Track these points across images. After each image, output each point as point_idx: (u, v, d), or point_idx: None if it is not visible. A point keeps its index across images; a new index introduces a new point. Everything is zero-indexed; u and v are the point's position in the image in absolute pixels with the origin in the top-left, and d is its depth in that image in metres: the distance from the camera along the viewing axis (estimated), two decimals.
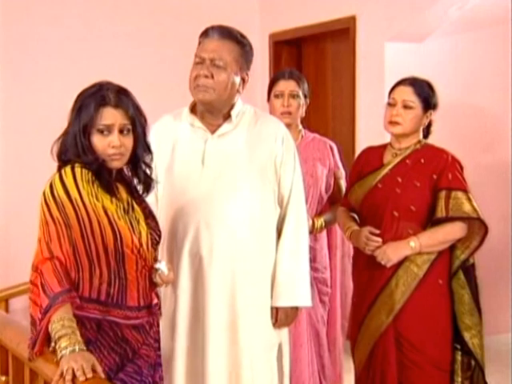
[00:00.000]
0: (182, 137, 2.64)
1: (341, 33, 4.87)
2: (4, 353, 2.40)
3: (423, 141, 2.98)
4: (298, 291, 2.64)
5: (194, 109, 2.64)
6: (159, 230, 2.29)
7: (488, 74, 4.81)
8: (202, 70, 2.52)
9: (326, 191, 3.35)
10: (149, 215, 2.27)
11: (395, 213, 2.87)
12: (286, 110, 3.27)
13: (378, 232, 2.86)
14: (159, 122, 2.73)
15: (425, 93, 2.92)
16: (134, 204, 2.21)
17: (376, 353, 2.90)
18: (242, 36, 2.60)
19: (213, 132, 2.60)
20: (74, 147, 2.13)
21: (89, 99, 2.13)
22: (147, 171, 2.28)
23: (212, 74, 2.51)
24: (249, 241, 2.57)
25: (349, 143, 4.70)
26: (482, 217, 2.83)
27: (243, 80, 2.61)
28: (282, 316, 2.62)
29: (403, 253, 2.83)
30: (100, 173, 2.12)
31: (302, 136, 3.36)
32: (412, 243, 2.81)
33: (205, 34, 2.58)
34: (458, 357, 2.89)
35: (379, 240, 2.85)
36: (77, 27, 4.82)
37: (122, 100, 2.15)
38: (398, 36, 4.46)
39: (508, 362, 4.36)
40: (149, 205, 2.31)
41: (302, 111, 3.35)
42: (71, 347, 1.92)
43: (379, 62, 4.50)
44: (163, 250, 2.57)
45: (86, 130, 2.13)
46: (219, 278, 2.54)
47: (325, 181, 3.33)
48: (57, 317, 1.96)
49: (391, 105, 2.93)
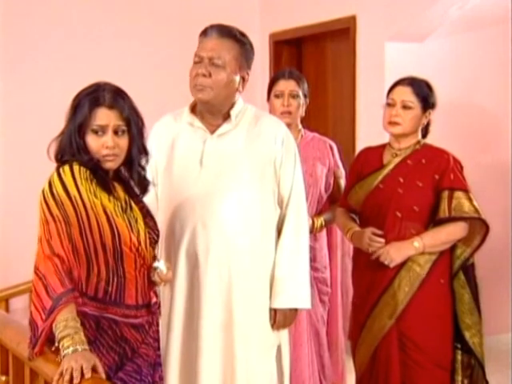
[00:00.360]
0: (182, 137, 2.63)
1: (341, 33, 4.87)
2: (4, 352, 2.39)
3: (422, 141, 2.98)
4: (298, 293, 2.63)
5: (195, 109, 2.64)
6: (157, 230, 2.29)
7: (488, 74, 4.81)
8: (201, 69, 2.51)
9: (326, 191, 3.35)
10: (147, 214, 2.27)
11: (398, 213, 2.86)
12: (286, 110, 3.28)
13: (381, 233, 2.86)
14: (160, 122, 2.72)
15: (424, 92, 2.92)
16: (132, 203, 2.22)
17: (379, 354, 2.90)
18: (242, 34, 2.58)
19: (212, 132, 2.60)
20: (70, 147, 2.14)
21: (84, 99, 2.14)
22: (142, 173, 2.27)
23: (210, 73, 2.50)
24: (246, 241, 2.56)
25: (349, 143, 4.70)
26: (484, 216, 2.83)
27: (243, 79, 2.59)
28: (281, 317, 2.61)
29: (407, 253, 2.82)
30: (97, 172, 2.13)
31: (302, 135, 3.36)
32: (416, 243, 2.81)
33: (204, 33, 2.57)
34: (459, 356, 2.89)
35: (382, 241, 2.84)
36: (77, 27, 4.82)
37: (117, 101, 2.15)
38: (399, 36, 4.46)
39: (508, 362, 4.36)
40: (146, 204, 2.31)
41: (302, 111, 3.35)
42: (73, 347, 1.92)
43: (379, 62, 4.50)
44: (161, 250, 2.58)
45: (81, 130, 2.13)
46: (215, 279, 2.54)
47: (324, 180, 3.33)
48: (61, 317, 1.96)
49: (390, 105, 2.93)
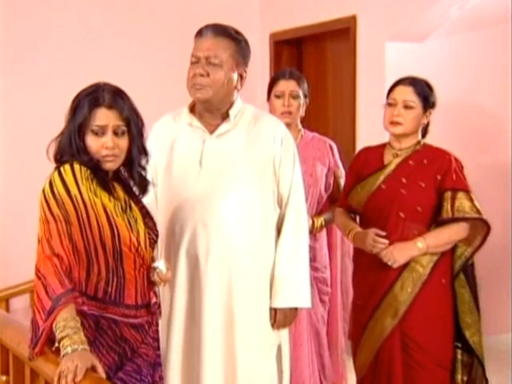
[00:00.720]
0: (181, 137, 2.63)
1: (341, 32, 4.87)
2: (5, 352, 2.40)
3: (422, 141, 2.97)
4: (298, 292, 2.63)
5: (194, 109, 2.64)
6: (157, 230, 2.29)
7: (488, 74, 4.81)
8: (198, 69, 2.51)
9: (326, 190, 3.35)
10: (146, 215, 2.27)
11: (401, 214, 2.86)
12: (287, 110, 3.27)
13: (384, 234, 2.85)
14: (159, 122, 2.72)
15: (425, 92, 2.91)
16: (132, 203, 2.21)
17: (381, 356, 2.89)
18: (237, 32, 2.59)
19: (211, 132, 2.60)
20: (69, 147, 2.14)
21: (84, 100, 2.14)
22: (142, 173, 2.27)
23: (208, 73, 2.50)
24: (246, 241, 2.56)
25: (349, 143, 4.69)
26: (486, 217, 2.83)
27: (241, 76, 2.60)
28: (281, 317, 2.61)
29: (410, 254, 2.82)
30: (96, 172, 2.13)
31: (302, 135, 3.36)
32: (419, 244, 2.81)
33: (199, 34, 2.57)
34: (459, 355, 2.89)
35: (386, 242, 2.84)
36: (77, 27, 4.82)
37: (117, 101, 2.14)
38: (399, 36, 4.46)
39: (508, 362, 4.36)
40: (145, 205, 2.31)
41: (302, 111, 3.35)
42: (72, 347, 1.92)
43: (379, 62, 4.50)
44: (161, 250, 2.58)
45: (81, 131, 2.13)
46: (216, 279, 2.54)
47: (324, 180, 3.33)
48: (61, 317, 1.96)
49: (392, 105, 2.92)
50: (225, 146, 2.58)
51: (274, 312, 2.61)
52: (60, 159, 2.15)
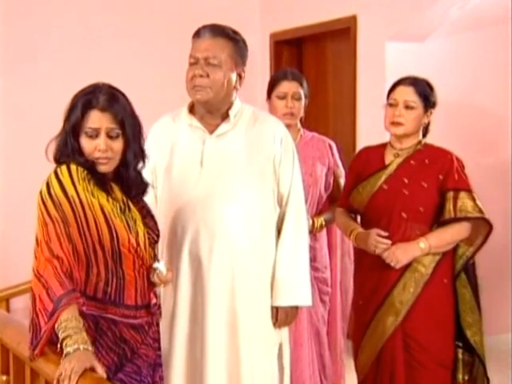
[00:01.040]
0: (181, 137, 2.63)
1: (341, 32, 4.87)
2: (5, 352, 2.39)
3: (423, 140, 2.97)
4: (298, 290, 2.64)
5: (193, 109, 2.63)
6: (158, 230, 2.28)
7: (488, 74, 4.81)
8: (197, 70, 2.51)
9: (326, 190, 3.35)
10: (146, 215, 2.26)
11: (403, 214, 2.85)
12: (290, 112, 3.26)
13: (386, 234, 2.84)
14: (158, 123, 2.72)
15: (425, 92, 2.91)
16: (130, 204, 2.20)
17: (384, 356, 2.89)
18: (235, 32, 2.58)
19: (211, 132, 2.59)
20: (65, 148, 2.13)
21: (79, 101, 2.13)
22: (139, 176, 2.24)
23: (207, 73, 2.50)
24: (248, 241, 2.57)
25: (349, 143, 4.69)
26: (487, 216, 2.82)
27: (240, 76, 2.60)
28: (282, 316, 2.62)
29: (413, 254, 2.82)
30: (94, 172, 2.12)
31: (301, 135, 3.35)
32: (422, 244, 2.80)
33: (197, 34, 2.57)
34: (460, 355, 2.89)
35: (388, 242, 2.83)
36: (77, 27, 4.82)
37: (111, 104, 2.12)
38: (399, 36, 4.46)
39: (508, 362, 4.36)
40: (147, 204, 2.30)
41: (303, 112, 3.35)
42: (73, 347, 1.92)
43: (380, 62, 4.50)
44: (163, 251, 2.58)
45: (76, 132, 2.12)
46: (219, 279, 2.54)
47: (324, 180, 3.33)
48: (63, 318, 1.96)
49: (392, 105, 2.91)
50: (225, 146, 2.58)
51: (276, 311, 2.62)
52: (59, 160, 2.14)
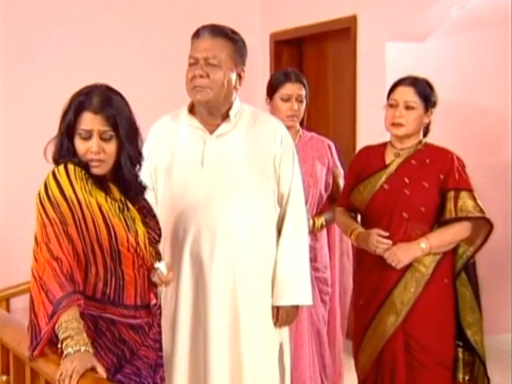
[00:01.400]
0: (181, 138, 2.63)
1: (341, 32, 4.87)
2: (5, 352, 2.39)
3: (424, 140, 2.97)
4: (299, 290, 2.64)
5: (193, 109, 2.63)
6: (159, 229, 2.28)
7: (488, 74, 4.80)
8: (197, 71, 2.51)
9: (326, 190, 3.34)
10: (147, 214, 2.26)
11: (404, 214, 2.85)
12: (294, 114, 3.25)
13: (387, 234, 2.84)
14: (158, 123, 2.72)
15: (426, 92, 2.90)
16: (129, 204, 2.19)
17: (385, 356, 2.89)
18: (234, 32, 2.59)
19: (211, 132, 2.60)
20: (61, 149, 2.13)
21: (73, 103, 2.13)
22: (134, 179, 2.22)
23: (208, 74, 2.50)
24: (249, 241, 2.57)
25: (349, 143, 4.70)
26: (488, 216, 2.82)
27: (239, 76, 2.60)
28: (283, 315, 2.62)
29: (414, 254, 2.81)
30: (90, 172, 2.12)
31: (300, 135, 3.34)
32: (422, 244, 2.80)
33: (196, 35, 2.57)
34: (460, 354, 2.89)
35: (389, 242, 2.83)
36: (77, 27, 4.82)
37: (104, 105, 2.10)
38: (399, 36, 4.46)
39: (508, 362, 4.36)
40: (148, 203, 2.29)
41: (303, 113, 3.34)
42: (74, 348, 1.91)
43: (380, 62, 4.50)
44: (164, 252, 2.57)
45: (70, 133, 2.12)
46: (220, 279, 2.54)
47: (324, 180, 3.33)
48: (63, 319, 1.95)
49: (393, 106, 2.90)
50: (225, 146, 2.59)
51: (277, 310, 2.62)
52: (57, 160, 2.14)
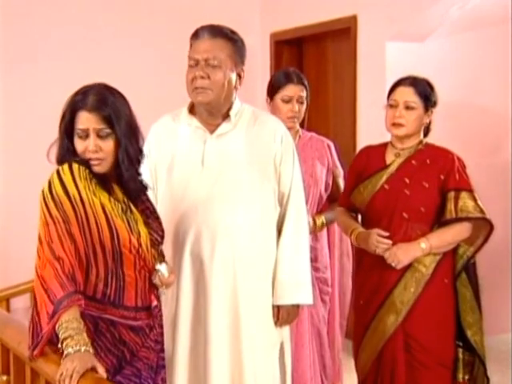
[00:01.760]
0: (182, 138, 2.63)
1: (342, 32, 4.87)
2: (5, 352, 2.39)
3: (424, 140, 2.96)
4: (300, 289, 2.64)
5: (193, 109, 2.63)
6: (162, 231, 2.27)
7: (488, 74, 4.80)
8: (198, 72, 2.51)
9: (326, 190, 3.34)
10: (150, 215, 2.25)
11: (405, 214, 2.85)
12: (295, 115, 3.24)
13: (387, 234, 2.84)
14: (158, 123, 2.72)
15: (426, 92, 2.90)
16: (131, 205, 2.19)
17: (385, 356, 2.89)
18: (233, 32, 2.59)
19: (212, 132, 2.60)
20: (62, 149, 2.14)
21: (70, 102, 2.13)
22: (133, 176, 2.20)
23: (208, 75, 2.50)
24: (250, 241, 2.57)
25: (350, 143, 4.69)
26: (488, 216, 2.82)
27: (239, 76, 2.60)
28: (284, 314, 2.62)
29: (414, 254, 2.81)
30: (94, 172, 2.12)
31: (300, 136, 3.34)
32: (423, 244, 2.80)
33: (195, 36, 2.56)
34: (460, 354, 2.89)
35: (389, 242, 2.83)
36: (77, 27, 4.82)
37: (99, 104, 2.10)
38: (399, 36, 4.46)
39: (508, 362, 4.36)
40: (151, 204, 2.29)
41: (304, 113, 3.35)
42: (74, 348, 1.91)
43: (380, 62, 4.50)
44: (164, 252, 2.57)
45: (69, 133, 2.13)
46: (221, 279, 2.54)
47: (324, 180, 3.32)
48: (63, 319, 1.95)
49: (393, 106, 2.90)
50: (226, 146, 2.59)
51: (277, 310, 2.62)
52: (61, 161, 2.14)
